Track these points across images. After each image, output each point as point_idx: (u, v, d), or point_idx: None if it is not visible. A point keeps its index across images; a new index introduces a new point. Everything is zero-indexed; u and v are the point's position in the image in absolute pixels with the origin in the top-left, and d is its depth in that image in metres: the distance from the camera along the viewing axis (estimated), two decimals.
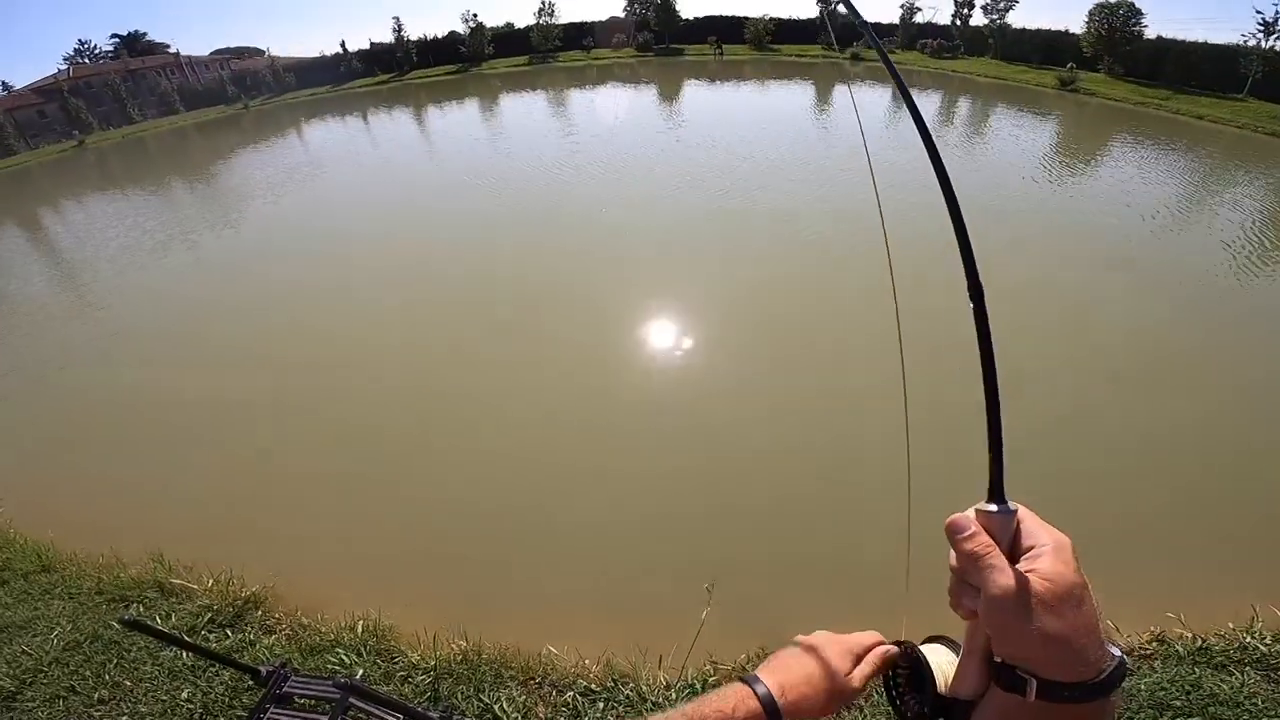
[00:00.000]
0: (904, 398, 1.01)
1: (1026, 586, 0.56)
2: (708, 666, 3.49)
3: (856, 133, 18.78)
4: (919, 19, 42.63)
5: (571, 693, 3.31)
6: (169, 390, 7.66)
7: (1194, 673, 3.08)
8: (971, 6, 38.90)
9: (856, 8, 0.98)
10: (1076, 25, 32.07)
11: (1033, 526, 0.61)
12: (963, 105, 26.50)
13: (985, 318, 0.65)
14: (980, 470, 0.63)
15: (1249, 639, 3.26)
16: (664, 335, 8.07)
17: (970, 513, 0.62)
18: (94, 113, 42.28)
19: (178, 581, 4.10)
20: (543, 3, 48.75)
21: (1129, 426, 5.81)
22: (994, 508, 0.61)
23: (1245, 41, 25.01)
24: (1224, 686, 2.97)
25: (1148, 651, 3.35)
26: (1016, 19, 37.54)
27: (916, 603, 0.82)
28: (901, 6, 42.76)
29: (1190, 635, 3.38)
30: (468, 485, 5.56)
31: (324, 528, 5.23)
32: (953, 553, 0.62)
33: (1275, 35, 24.21)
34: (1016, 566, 0.58)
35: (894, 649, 0.78)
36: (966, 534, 0.60)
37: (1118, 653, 0.57)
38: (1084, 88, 27.70)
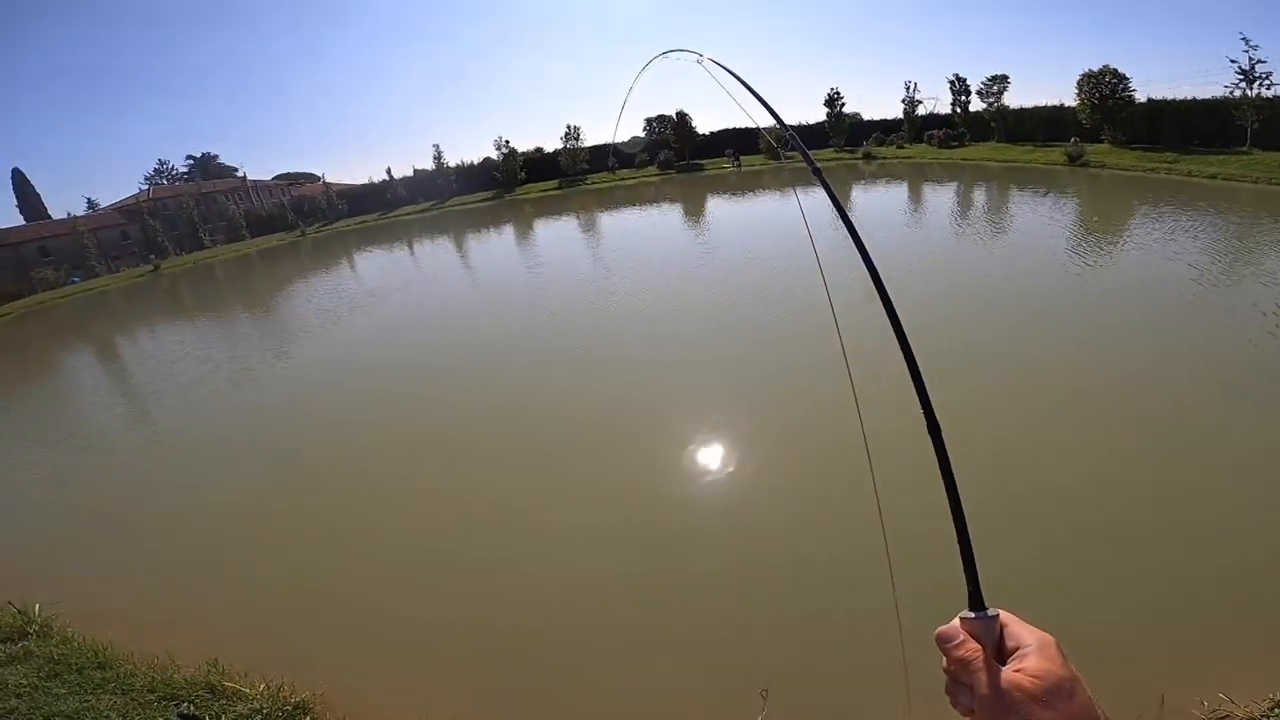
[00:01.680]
0: (879, 516, 1.04)
1: (1018, 685, 0.61)
2: None
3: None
4: (921, 111, 44.63)
5: None
6: (235, 505, 7.86)
7: None
8: (968, 93, 40.55)
9: (780, 116, 1.19)
10: (1070, 98, 32.75)
11: (1016, 629, 0.67)
12: (979, 193, 27.17)
13: (944, 449, 0.78)
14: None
15: None
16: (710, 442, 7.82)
17: (955, 622, 0.69)
18: (169, 235, 46.09)
19: (230, 684, 4.04)
20: (569, 128, 53.15)
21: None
22: (974, 615, 0.68)
23: (1231, 92, 25.26)
24: None
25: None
26: (1012, 99, 38.84)
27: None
28: (903, 101, 44.94)
29: None
30: (516, 601, 5.43)
31: (378, 638, 5.14)
32: (944, 658, 0.68)
33: (1257, 81, 24.44)
34: (1005, 667, 0.63)
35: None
36: (955, 642, 0.67)
37: None
38: (1093, 160, 28.25)
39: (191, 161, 68.45)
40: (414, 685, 4.50)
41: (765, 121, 1.33)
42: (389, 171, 58.09)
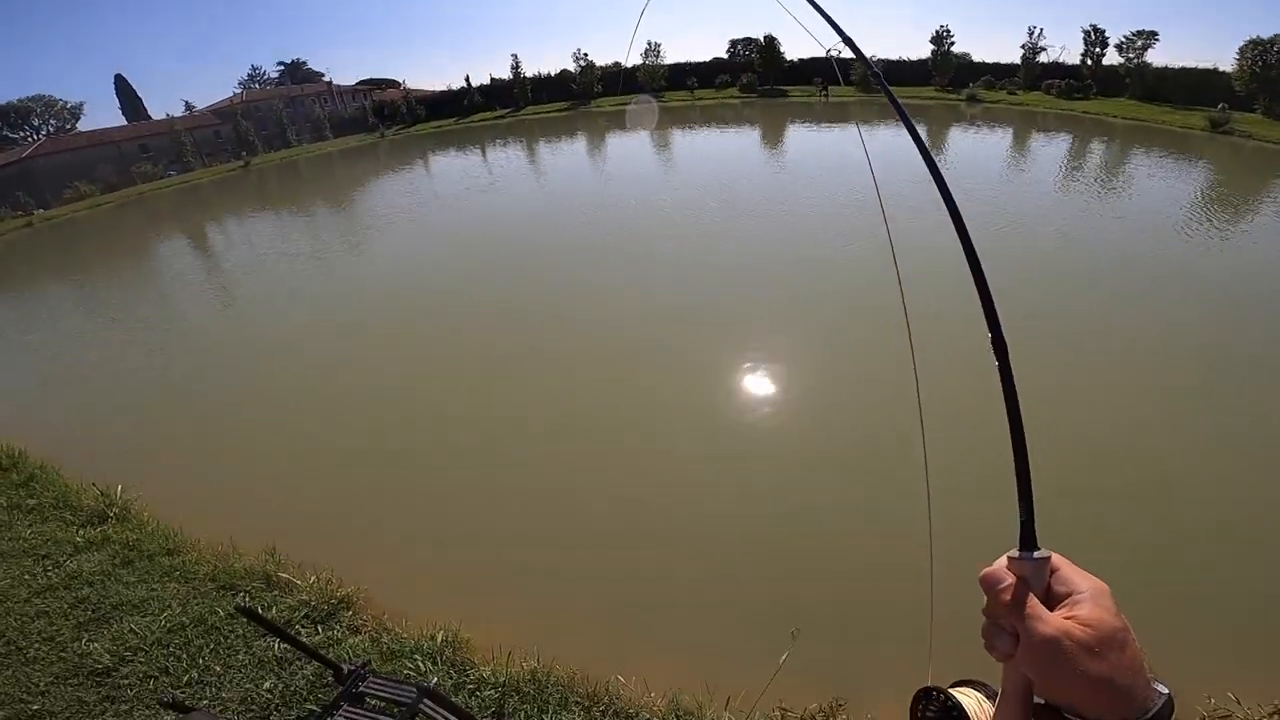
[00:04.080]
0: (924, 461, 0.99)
1: (1069, 633, 0.57)
2: (775, 711, 3.37)
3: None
4: (1043, 59, 40.21)
5: None
6: (301, 394, 8.53)
7: None
8: (1105, 45, 36.25)
9: (860, 48, 1.06)
10: (1226, 64, 29.28)
11: (1069, 574, 0.63)
12: (1091, 149, 24.57)
13: (1010, 373, 0.71)
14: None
15: None
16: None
17: (1003, 560, 0.64)
18: (259, 135, 48.36)
19: (283, 576, 4.44)
20: (649, 43, 50.75)
21: None
22: (1028, 555, 0.63)
23: None
24: None
25: None
26: (1156, 58, 34.66)
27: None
28: (1023, 46, 40.53)
29: None
30: (560, 514, 5.70)
31: (420, 539, 5.52)
32: (987, 600, 0.63)
33: None
34: (1057, 613, 0.60)
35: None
36: (1004, 585, 0.62)
37: (1165, 690, 0.58)
38: (1238, 130, 24.97)
39: (282, 67, 70.21)
40: (451, 589, 4.78)
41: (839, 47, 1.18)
42: (467, 79, 58.03)
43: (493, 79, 57.31)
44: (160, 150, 45.82)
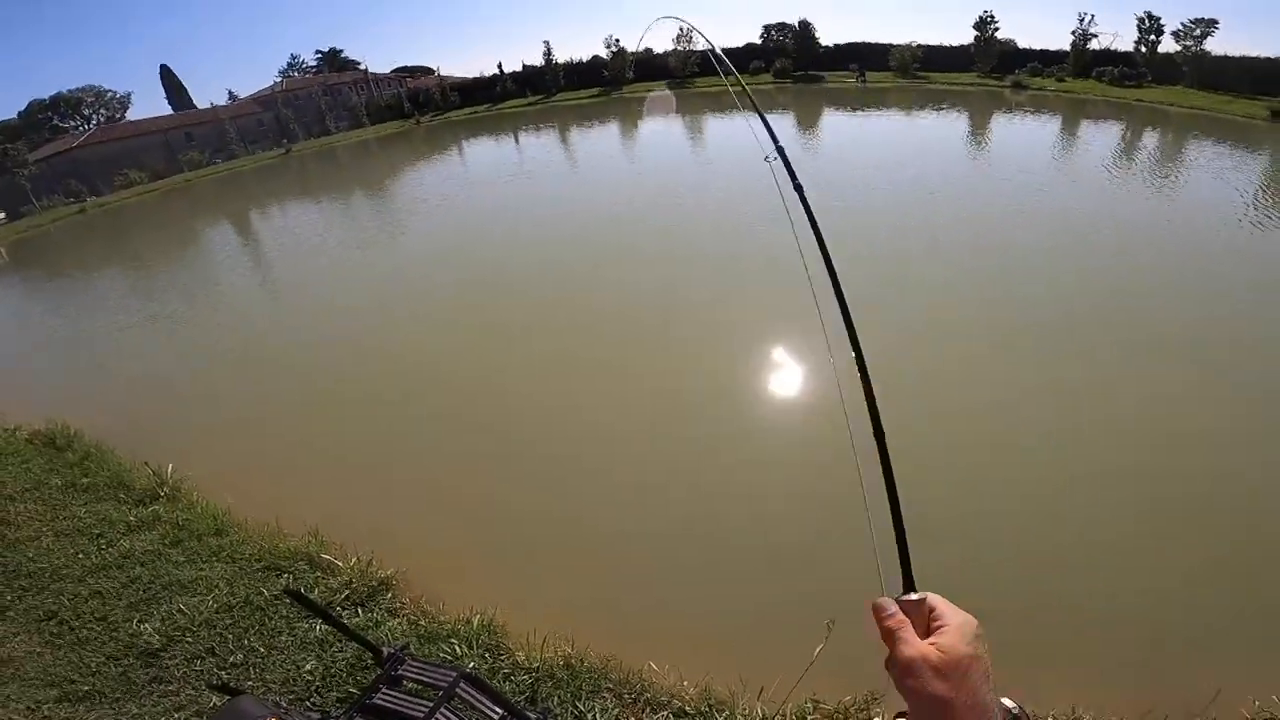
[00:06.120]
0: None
1: (926, 656, 0.68)
2: (808, 703, 3.34)
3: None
4: (1095, 45, 38.46)
5: (665, 712, 3.28)
6: (346, 381, 8.70)
7: None
8: (1160, 32, 34.47)
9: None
10: None
11: (943, 609, 0.75)
12: (1145, 138, 23.50)
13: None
14: None
15: None
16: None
17: (888, 598, 0.77)
18: (299, 123, 49.49)
19: (326, 557, 4.54)
20: (680, 29, 50.06)
21: None
22: (905, 596, 0.77)
23: None
24: None
25: None
26: (1215, 45, 32.81)
27: None
28: (1073, 33, 38.81)
29: None
30: (598, 500, 5.73)
31: (461, 523, 5.59)
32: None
33: None
34: (925, 640, 0.71)
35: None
36: (887, 613, 0.74)
37: (1010, 704, 0.73)
38: None
39: (320, 56, 71.23)
40: (488, 575, 4.83)
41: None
42: (500, 66, 57.99)
43: (525, 65, 57.41)
44: (205, 138, 47.22)
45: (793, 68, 47.06)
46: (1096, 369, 7.11)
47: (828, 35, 47.86)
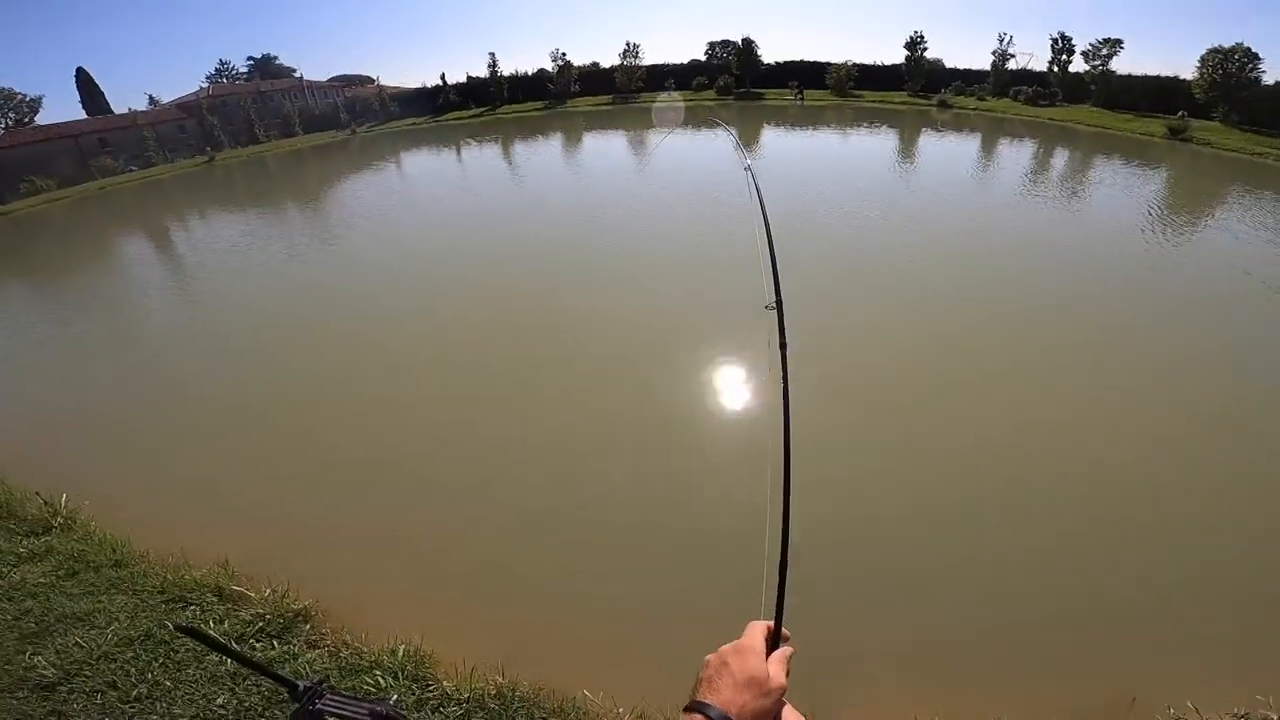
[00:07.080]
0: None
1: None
2: None
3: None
4: (1012, 65, 41.21)
5: None
6: (254, 404, 8.22)
7: None
8: (1071, 52, 37.34)
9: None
10: (1188, 72, 30.50)
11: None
12: (1053, 155, 25.19)
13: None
14: None
15: None
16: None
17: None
18: (225, 131, 47.03)
19: (236, 588, 4.27)
20: (627, 44, 50.70)
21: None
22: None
23: None
24: None
25: None
26: (1121, 65, 35.78)
27: None
28: (993, 53, 41.53)
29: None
30: (525, 527, 5.57)
31: (382, 552, 5.33)
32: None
33: None
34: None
35: (790, 649, 1.00)
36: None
37: None
38: (1196, 137, 25.87)
39: (252, 62, 68.25)
40: (414, 603, 4.65)
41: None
42: (443, 77, 57.24)
43: (470, 77, 56.80)
44: (120, 145, 44.30)
45: (734, 85, 48.30)
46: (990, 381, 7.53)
47: (769, 53, 49.46)
